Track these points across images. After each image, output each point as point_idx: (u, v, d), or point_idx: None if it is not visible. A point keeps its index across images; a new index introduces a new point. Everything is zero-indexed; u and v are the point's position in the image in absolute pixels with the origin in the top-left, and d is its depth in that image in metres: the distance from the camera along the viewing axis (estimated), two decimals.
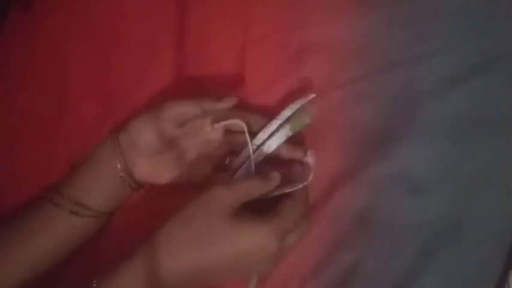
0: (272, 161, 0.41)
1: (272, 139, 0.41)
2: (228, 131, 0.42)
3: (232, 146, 0.42)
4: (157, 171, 0.40)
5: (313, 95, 0.41)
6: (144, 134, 0.39)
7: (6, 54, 0.47)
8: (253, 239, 0.33)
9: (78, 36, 0.47)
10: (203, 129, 0.41)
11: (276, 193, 0.37)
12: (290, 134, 0.41)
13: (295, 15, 0.46)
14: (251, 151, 0.40)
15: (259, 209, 0.35)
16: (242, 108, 0.42)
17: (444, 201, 0.41)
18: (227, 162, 0.42)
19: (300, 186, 0.38)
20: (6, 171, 0.45)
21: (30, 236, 0.38)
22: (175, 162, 0.41)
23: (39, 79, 0.46)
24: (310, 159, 0.40)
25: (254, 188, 0.36)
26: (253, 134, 0.41)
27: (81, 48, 0.47)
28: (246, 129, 0.40)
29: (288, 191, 0.38)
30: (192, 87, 0.46)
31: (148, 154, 0.40)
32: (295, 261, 0.41)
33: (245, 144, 0.40)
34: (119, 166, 0.39)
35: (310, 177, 0.39)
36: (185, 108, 0.40)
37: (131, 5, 0.47)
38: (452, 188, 0.41)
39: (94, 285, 0.34)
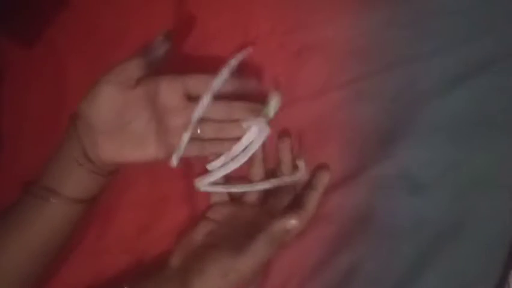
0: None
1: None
2: (190, 98, 0.40)
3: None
4: (120, 146, 0.39)
5: (250, 49, 0.41)
6: (100, 108, 0.37)
7: (5, 54, 0.47)
8: None
9: (78, 36, 0.47)
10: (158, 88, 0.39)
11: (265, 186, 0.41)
12: (269, 118, 0.41)
13: (295, 15, 0.46)
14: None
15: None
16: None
17: (445, 201, 0.41)
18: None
19: (289, 180, 0.41)
20: (5, 171, 0.45)
21: (10, 229, 0.38)
22: (135, 134, 0.39)
23: (39, 79, 0.46)
24: (301, 165, 0.42)
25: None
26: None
27: (81, 47, 0.47)
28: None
29: (274, 185, 0.41)
30: None
31: (106, 130, 0.38)
32: (294, 262, 0.41)
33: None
34: (74, 153, 0.38)
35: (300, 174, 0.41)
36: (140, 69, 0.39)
37: (131, 5, 0.47)
38: (452, 188, 0.41)
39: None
